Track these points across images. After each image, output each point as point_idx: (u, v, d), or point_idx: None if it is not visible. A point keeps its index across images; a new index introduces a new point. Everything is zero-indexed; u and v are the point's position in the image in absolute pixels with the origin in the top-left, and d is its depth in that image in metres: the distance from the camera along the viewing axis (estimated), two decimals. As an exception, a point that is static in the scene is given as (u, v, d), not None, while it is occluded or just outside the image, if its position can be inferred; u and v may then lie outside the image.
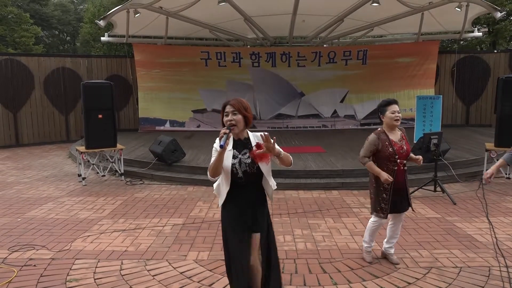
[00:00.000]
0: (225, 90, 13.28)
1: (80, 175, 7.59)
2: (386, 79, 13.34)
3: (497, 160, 7.04)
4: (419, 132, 9.20)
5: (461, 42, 17.94)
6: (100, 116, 7.33)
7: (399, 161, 3.73)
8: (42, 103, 12.50)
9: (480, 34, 13.46)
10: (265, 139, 2.58)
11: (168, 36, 12.57)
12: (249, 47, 14.18)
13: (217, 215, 5.41)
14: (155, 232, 4.93)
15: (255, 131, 2.91)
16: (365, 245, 4.03)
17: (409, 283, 3.57)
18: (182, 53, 13.40)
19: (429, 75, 13.29)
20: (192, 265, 3.98)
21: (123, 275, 3.78)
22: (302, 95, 13.62)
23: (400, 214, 3.92)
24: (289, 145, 9.95)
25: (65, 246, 4.48)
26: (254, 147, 2.69)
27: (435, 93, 12.84)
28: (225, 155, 2.66)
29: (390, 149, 3.72)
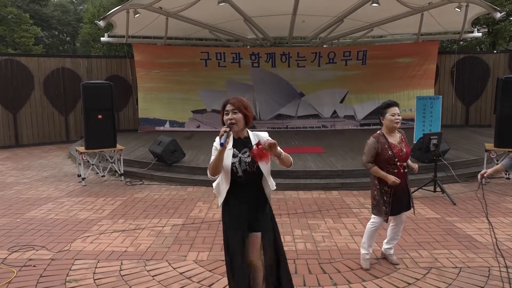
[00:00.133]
0: (224, 90, 13.26)
1: (79, 176, 7.59)
2: (385, 79, 13.33)
3: (497, 160, 7.10)
4: (419, 132, 9.20)
5: (461, 42, 17.93)
6: (99, 116, 7.34)
7: (398, 164, 3.69)
8: (42, 103, 12.49)
9: (479, 34, 13.46)
10: (269, 145, 2.58)
11: (168, 36, 12.56)
12: (248, 47, 14.17)
13: (217, 216, 5.41)
14: (155, 232, 4.93)
15: (255, 131, 2.91)
16: (363, 252, 3.91)
17: (409, 284, 3.57)
18: (181, 53, 13.39)
19: (429, 76, 13.28)
20: (191, 266, 3.98)
21: (122, 276, 3.78)
22: (302, 96, 13.61)
23: (401, 215, 3.90)
24: (289, 146, 9.95)
25: (65, 246, 4.48)
26: (254, 145, 2.69)
27: (434, 94, 12.82)
28: (225, 154, 2.66)
29: (389, 152, 3.68)
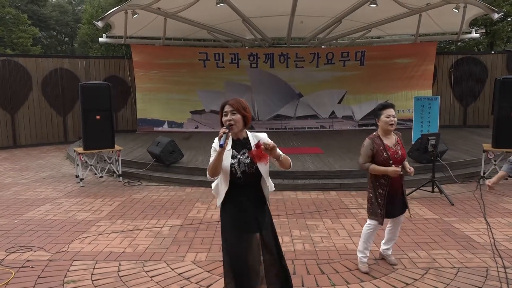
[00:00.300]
0: (223, 91, 13.27)
1: (77, 176, 7.58)
2: (384, 80, 13.36)
3: (495, 161, 7.12)
4: (417, 133, 9.22)
5: (459, 43, 17.99)
6: (98, 117, 7.32)
7: (393, 166, 3.66)
8: (40, 104, 12.47)
9: (477, 35, 13.48)
10: (269, 147, 2.58)
11: (166, 37, 12.54)
12: (247, 48, 14.18)
13: (215, 216, 5.40)
14: (153, 233, 4.92)
15: (254, 131, 2.92)
16: (360, 255, 3.87)
17: (407, 284, 3.57)
18: (180, 54, 13.39)
19: (427, 76, 13.32)
20: (190, 266, 3.98)
21: (121, 277, 3.78)
22: (300, 96, 13.62)
23: (397, 217, 3.89)
24: (287, 146, 9.95)
25: (63, 247, 4.47)
26: (253, 146, 2.69)
27: (432, 94, 12.87)
28: (224, 155, 2.67)
29: (384, 154, 3.67)
